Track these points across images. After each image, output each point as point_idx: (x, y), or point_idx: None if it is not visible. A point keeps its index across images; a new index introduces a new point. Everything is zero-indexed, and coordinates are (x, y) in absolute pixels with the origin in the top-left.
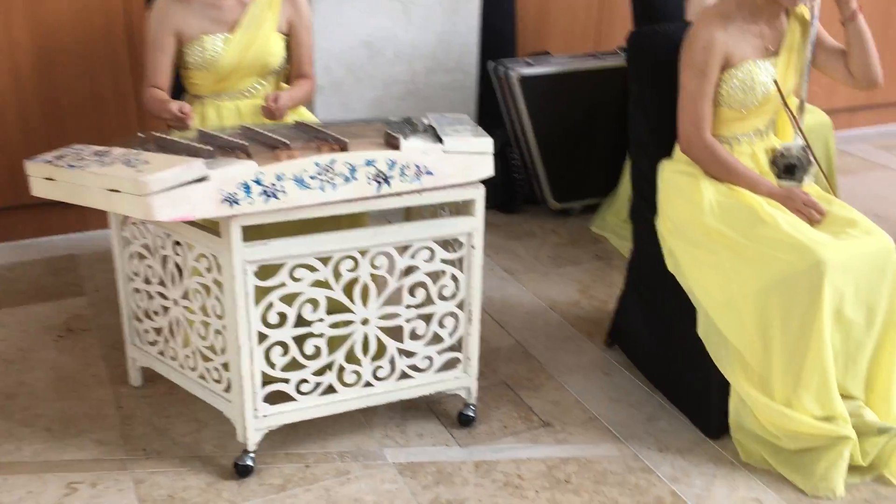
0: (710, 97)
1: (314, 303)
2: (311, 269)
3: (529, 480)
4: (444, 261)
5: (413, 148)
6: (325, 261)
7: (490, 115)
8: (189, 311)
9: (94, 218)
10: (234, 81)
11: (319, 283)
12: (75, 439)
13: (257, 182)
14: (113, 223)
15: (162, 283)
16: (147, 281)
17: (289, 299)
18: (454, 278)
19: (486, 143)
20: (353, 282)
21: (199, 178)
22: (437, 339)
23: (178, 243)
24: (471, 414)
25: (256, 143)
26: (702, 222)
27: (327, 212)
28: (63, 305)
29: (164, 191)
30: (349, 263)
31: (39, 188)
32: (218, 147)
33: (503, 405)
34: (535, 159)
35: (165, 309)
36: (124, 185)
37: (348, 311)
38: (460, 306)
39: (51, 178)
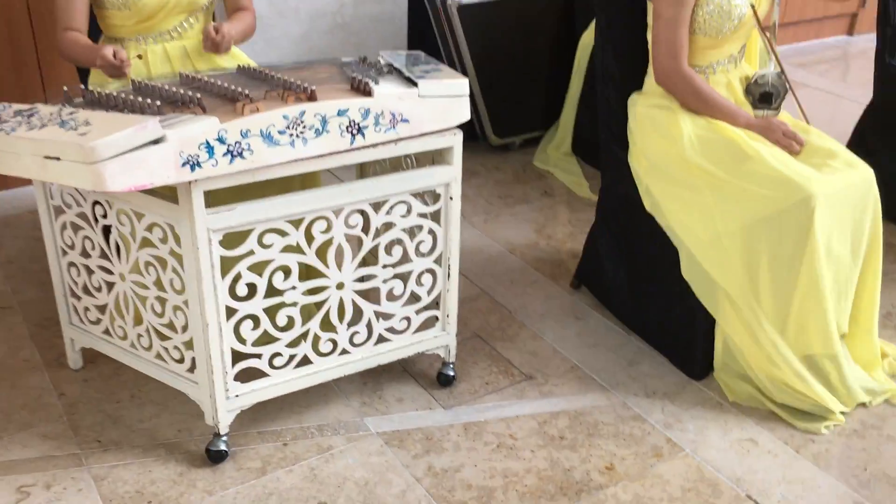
0: (687, 24)
1: (286, 270)
2: (282, 233)
3: (522, 440)
4: (420, 215)
5: (387, 94)
6: (296, 224)
7: (421, 48)
8: (140, 287)
9: None
10: (159, 21)
11: (290, 248)
12: (18, 435)
13: (220, 140)
14: (39, 190)
15: (105, 256)
16: (85, 254)
17: (258, 268)
18: (431, 232)
19: (463, 85)
20: (326, 244)
21: (154, 139)
22: (414, 298)
23: (122, 211)
24: (451, 373)
25: (208, 94)
26: (682, 159)
27: (297, 170)
28: None
29: (115, 157)
30: (322, 225)
31: None
32: (164, 101)
33: (480, 360)
34: (474, 94)
35: (110, 284)
36: (67, 151)
37: (322, 276)
38: (438, 262)
39: None
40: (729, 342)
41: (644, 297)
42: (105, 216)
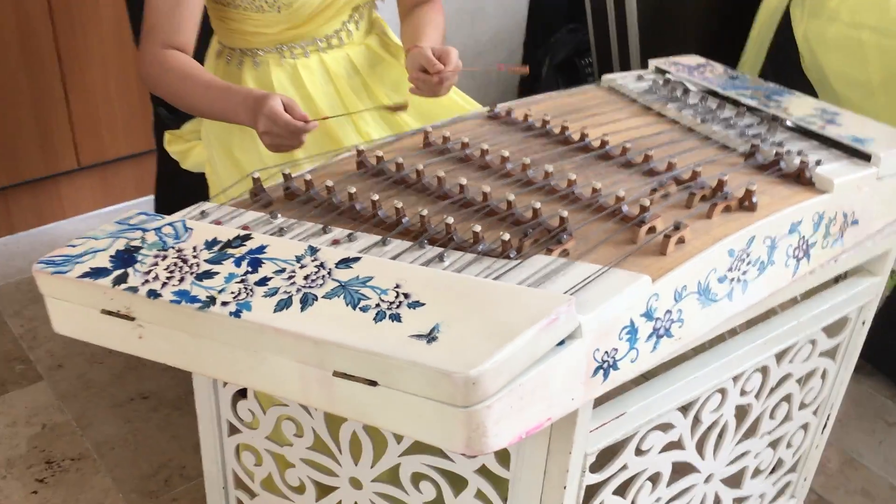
0: None
1: (654, 479)
2: (667, 428)
3: None
4: (822, 353)
5: (847, 184)
6: (685, 409)
7: (545, 10)
8: (387, 500)
9: None
10: (317, 25)
11: (670, 445)
12: None
13: (648, 316)
14: None
15: (322, 448)
16: (278, 436)
17: (622, 487)
18: (823, 375)
19: None
20: (710, 427)
21: (566, 337)
22: (777, 465)
23: None
24: None
25: (527, 191)
26: None
27: (712, 334)
28: (13, 409)
29: (506, 387)
30: (715, 401)
31: (79, 326)
32: (475, 212)
33: None
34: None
35: (324, 487)
36: (400, 375)
37: (694, 471)
38: (816, 412)
39: (127, 315)
40: None
41: None
42: None
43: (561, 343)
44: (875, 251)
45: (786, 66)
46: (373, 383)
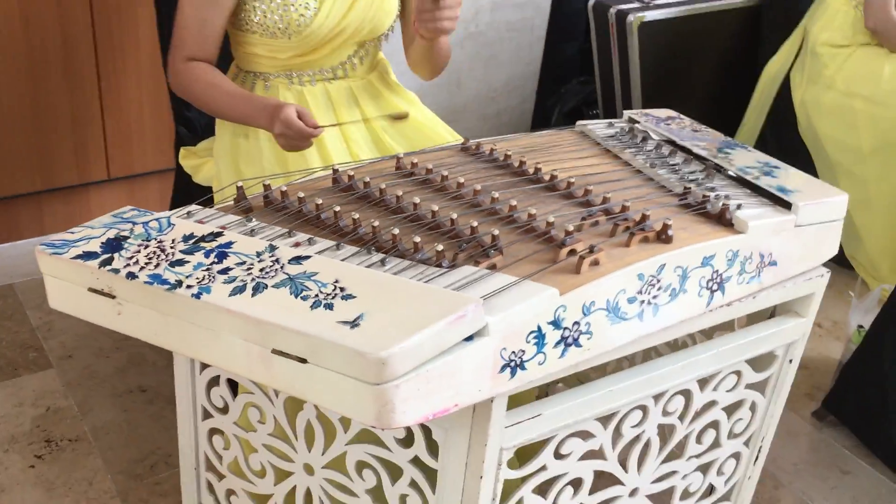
0: None
1: (576, 484)
2: (586, 436)
3: None
4: (748, 385)
5: (761, 226)
6: (605, 421)
7: (556, 63)
8: (338, 488)
9: (27, 217)
10: (324, 55)
11: (591, 454)
12: None
13: (556, 324)
14: None
15: (282, 436)
16: (247, 423)
17: (541, 488)
18: (752, 407)
19: (841, 203)
20: (632, 442)
21: (473, 333)
22: (708, 491)
23: None
24: None
25: (472, 212)
26: None
27: (626, 351)
28: (21, 391)
29: (413, 371)
30: (636, 416)
31: (69, 301)
32: (419, 227)
33: None
34: None
35: (282, 472)
36: (324, 353)
37: (618, 483)
38: (748, 443)
39: (109, 293)
40: None
41: None
42: None
43: (469, 339)
44: (799, 293)
45: (785, 129)
46: (303, 361)
